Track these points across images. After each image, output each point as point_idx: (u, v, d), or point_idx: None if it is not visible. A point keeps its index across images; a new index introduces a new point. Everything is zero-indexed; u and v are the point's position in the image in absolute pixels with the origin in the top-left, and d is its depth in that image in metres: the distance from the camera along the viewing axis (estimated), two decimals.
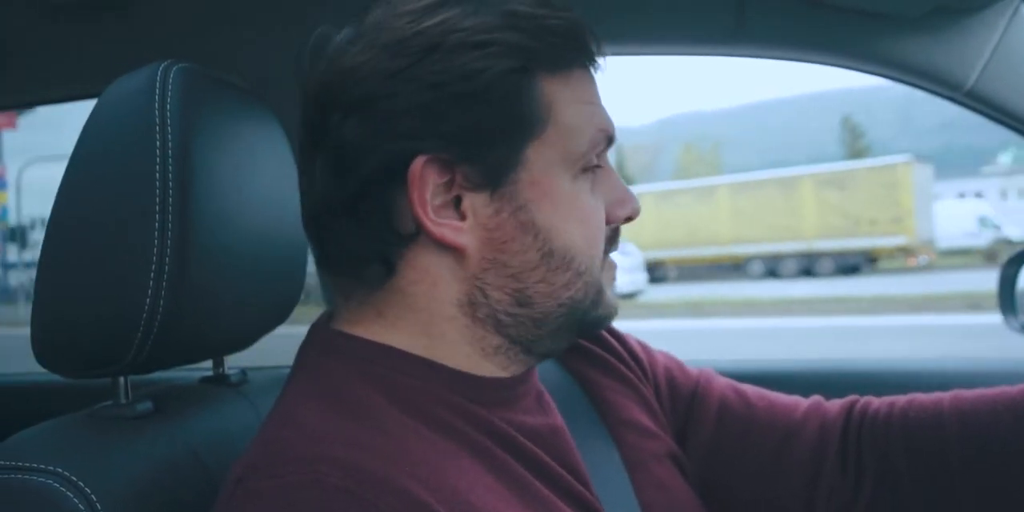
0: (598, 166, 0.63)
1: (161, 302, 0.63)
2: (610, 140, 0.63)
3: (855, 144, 40.62)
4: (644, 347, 0.83)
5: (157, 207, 0.63)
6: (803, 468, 0.75)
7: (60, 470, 0.57)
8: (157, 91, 0.65)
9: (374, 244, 0.60)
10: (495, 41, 0.58)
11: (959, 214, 19.31)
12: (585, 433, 0.70)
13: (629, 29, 1.06)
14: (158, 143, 0.64)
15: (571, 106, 0.61)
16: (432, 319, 0.62)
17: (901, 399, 0.77)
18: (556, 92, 0.60)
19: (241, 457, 0.56)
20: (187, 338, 0.68)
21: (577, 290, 0.62)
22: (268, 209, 0.75)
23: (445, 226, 0.59)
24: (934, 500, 0.72)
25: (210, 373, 0.86)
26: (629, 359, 0.79)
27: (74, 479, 0.57)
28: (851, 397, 0.80)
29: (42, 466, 0.57)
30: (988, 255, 19.07)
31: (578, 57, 0.62)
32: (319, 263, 0.65)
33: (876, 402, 0.78)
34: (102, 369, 0.66)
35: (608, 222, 0.64)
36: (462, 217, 0.60)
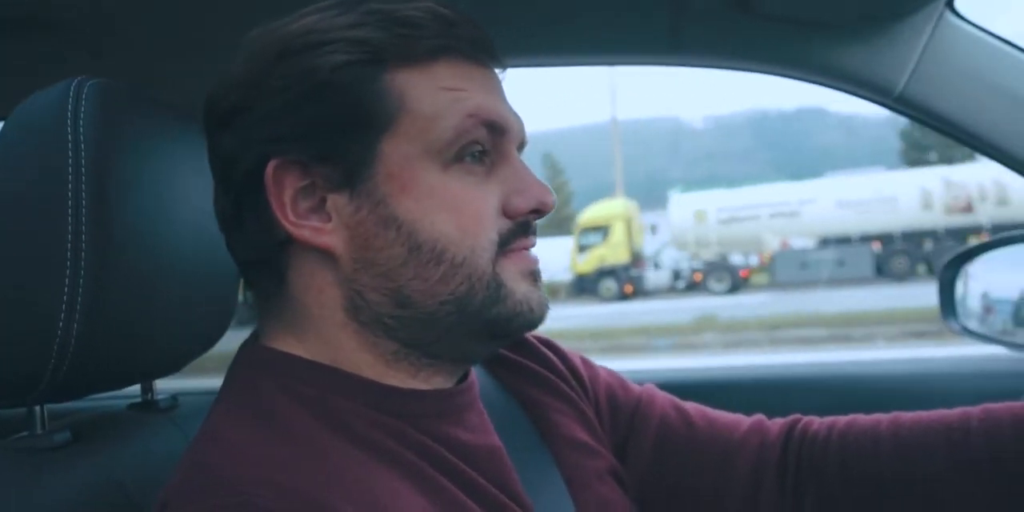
0: (483, 152, 0.60)
1: (75, 327, 0.60)
2: (492, 126, 0.60)
3: (555, 180, 44.07)
4: (587, 364, 0.81)
5: (69, 230, 0.60)
6: (742, 489, 0.74)
7: None
8: (70, 107, 0.63)
9: (259, 252, 0.61)
10: (337, 38, 0.58)
11: (554, 250, 19.62)
12: (525, 453, 0.68)
13: (562, 40, 1.06)
14: (70, 162, 0.61)
15: (428, 94, 0.59)
16: (327, 327, 0.61)
17: (841, 420, 0.76)
18: (410, 82, 0.59)
19: (167, 482, 0.53)
20: (106, 364, 0.65)
21: (459, 284, 0.59)
22: (195, 229, 0.72)
23: (306, 227, 0.59)
24: None
25: (138, 399, 0.83)
26: (570, 377, 0.77)
27: None
28: (793, 416, 0.79)
29: None
30: (569, 291, 19.67)
31: (441, 45, 0.59)
32: (244, 279, 0.66)
33: (816, 423, 0.77)
34: (13, 398, 0.63)
35: (508, 215, 0.61)
36: (328, 219, 0.59)
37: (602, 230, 19.65)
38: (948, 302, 1.26)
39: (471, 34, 0.61)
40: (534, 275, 0.63)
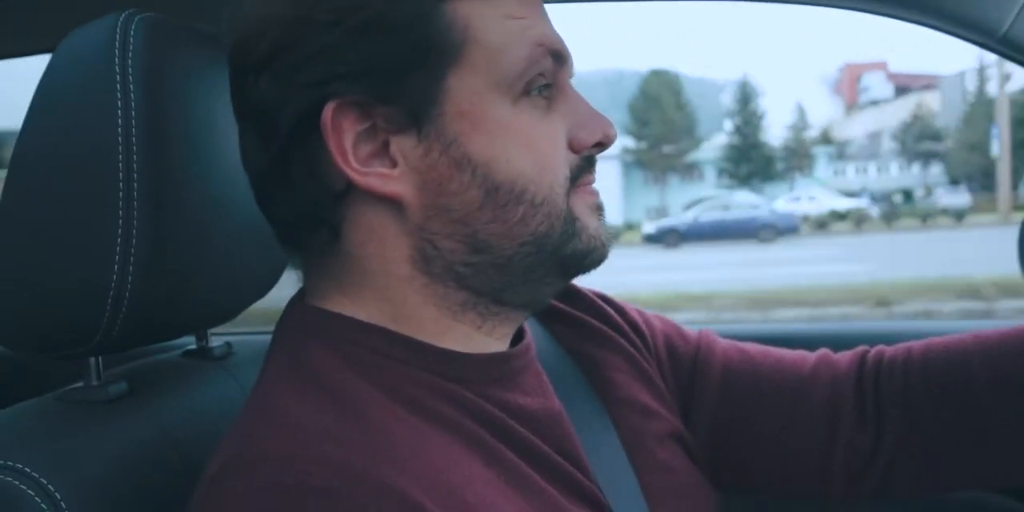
0: (547, 85, 0.57)
1: (129, 278, 0.58)
2: (557, 56, 0.57)
3: None
4: (643, 316, 0.78)
5: (120, 176, 0.57)
6: (818, 423, 0.72)
7: (20, 466, 0.53)
8: (118, 43, 0.59)
9: (311, 207, 0.56)
10: None
11: None
12: (583, 416, 0.65)
13: None
14: (119, 102, 0.58)
15: (494, 23, 0.54)
16: (389, 282, 0.57)
17: (917, 344, 0.73)
18: (472, 10, 0.54)
19: (217, 451, 0.51)
20: (162, 315, 0.63)
21: (539, 224, 0.56)
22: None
23: (372, 175, 0.54)
24: (963, 443, 0.69)
25: (193, 346, 0.82)
26: (630, 331, 0.74)
27: (35, 475, 0.53)
28: (860, 348, 0.76)
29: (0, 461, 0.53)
30: None
31: None
32: (278, 239, 0.61)
33: (890, 350, 0.74)
34: (69, 350, 0.61)
35: (574, 149, 0.58)
36: (393, 164, 0.55)
37: None
38: None
39: None
40: (600, 209, 0.61)
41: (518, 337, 0.64)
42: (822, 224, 23.41)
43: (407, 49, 0.53)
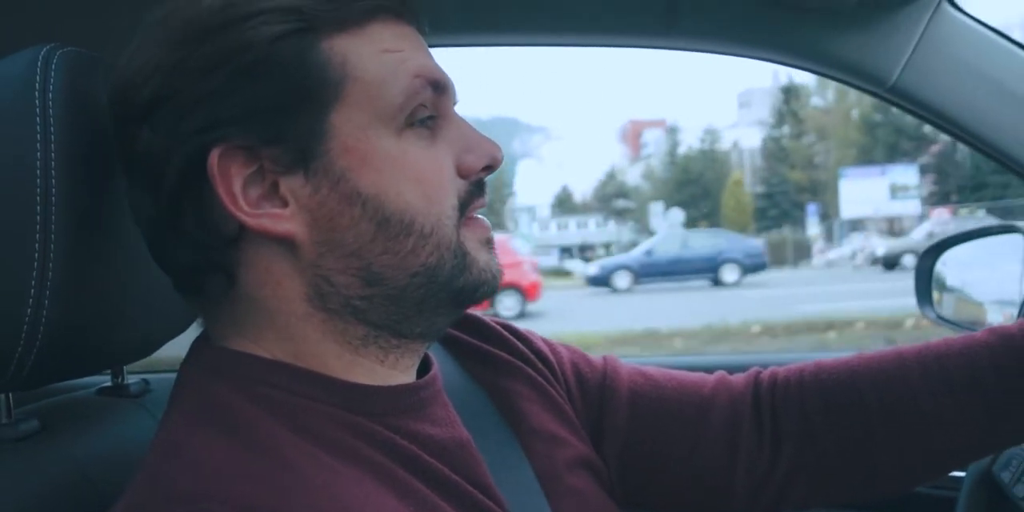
0: (431, 117, 0.58)
1: (44, 312, 0.57)
2: (437, 85, 0.58)
3: None
4: (549, 344, 0.79)
5: (38, 210, 0.56)
6: (720, 441, 0.75)
7: None
8: (38, 77, 0.58)
9: (204, 254, 0.56)
10: (264, 9, 0.54)
11: None
12: (495, 445, 0.66)
13: (560, 21, 1.02)
14: (39, 135, 0.57)
15: (371, 58, 0.56)
16: (288, 321, 0.57)
17: (808, 364, 0.77)
18: (349, 46, 0.55)
19: (124, 493, 0.51)
20: (77, 350, 0.62)
21: (428, 255, 0.57)
22: None
23: (263, 217, 0.55)
24: (853, 457, 0.73)
25: (109, 384, 0.80)
26: (536, 361, 0.76)
27: None
28: (753, 369, 0.80)
29: None
30: None
31: (371, 7, 0.56)
32: (175, 287, 0.60)
33: (783, 370, 0.78)
34: None
35: (463, 175, 0.59)
36: (284, 204, 0.55)
37: None
38: (924, 290, 1.27)
39: None
40: (490, 243, 0.62)
41: (424, 368, 0.65)
42: None
43: (288, 90, 0.54)
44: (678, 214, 26.37)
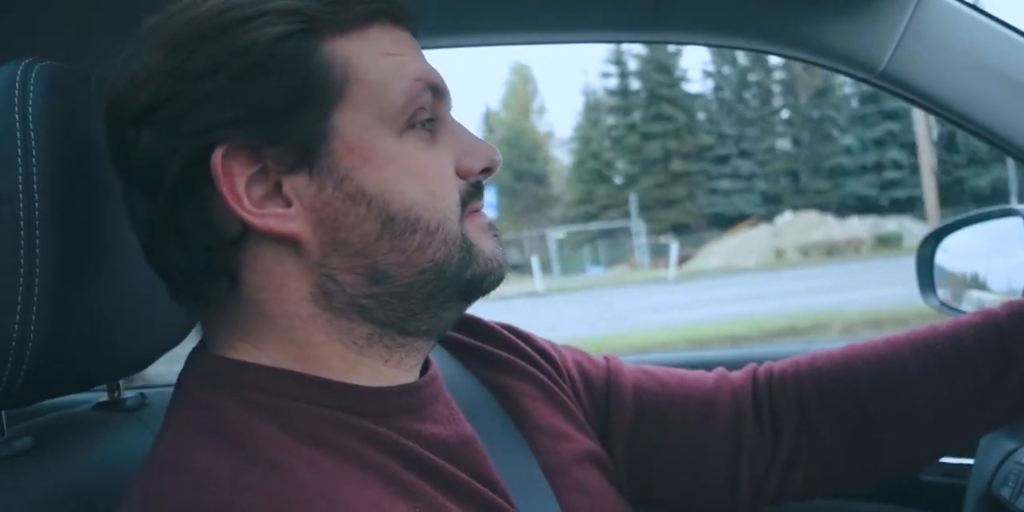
0: (430, 119, 0.59)
1: (32, 329, 0.56)
2: (435, 90, 0.59)
3: None
4: (552, 344, 0.80)
5: (22, 225, 0.56)
6: (724, 436, 0.76)
7: None
8: (17, 92, 0.58)
9: (207, 256, 0.55)
10: (266, 10, 0.54)
11: None
12: (500, 442, 0.66)
13: (549, 17, 1.02)
14: (20, 150, 0.57)
15: (373, 60, 0.56)
16: (292, 323, 0.57)
17: (803, 357, 0.79)
18: (351, 49, 0.56)
19: (120, 506, 0.50)
20: (68, 367, 0.62)
21: (436, 251, 0.57)
22: None
23: (268, 216, 0.54)
24: (852, 443, 0.74)
25: (105, 398, 0.79)
26: (539, 358, 0.76)
27: None
28: (750, 365, 0.81)
29: None
30: None
31: (372, 11, 0.57)
32: (171, 294, 0.60)
33: (779, 364, 0.79)
34: None
35: (462, 175, 0.60)
36: (288, 204, 0.55)
37: None
38: (926, 277, 1.26)
39: None
40: (493, 228, 0.63)
41: (424, 368, 0.64)
42: None
43: (291, 91, 0.54)
44: None
